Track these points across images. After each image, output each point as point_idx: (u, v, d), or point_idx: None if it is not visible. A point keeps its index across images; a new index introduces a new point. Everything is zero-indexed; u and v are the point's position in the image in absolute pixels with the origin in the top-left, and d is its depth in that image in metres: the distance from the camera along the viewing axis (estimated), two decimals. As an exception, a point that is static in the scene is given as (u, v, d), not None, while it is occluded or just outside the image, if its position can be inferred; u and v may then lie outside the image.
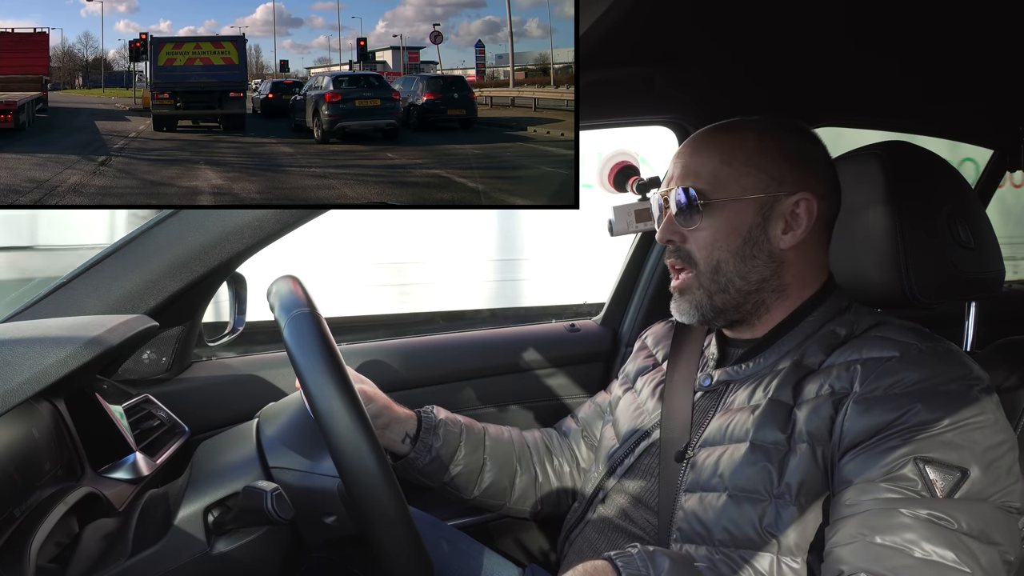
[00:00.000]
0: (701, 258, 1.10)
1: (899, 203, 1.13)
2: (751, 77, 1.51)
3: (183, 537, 0.94)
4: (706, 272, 1.10)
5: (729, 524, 0.97)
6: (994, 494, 0.88)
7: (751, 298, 1.10)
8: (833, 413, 0.96)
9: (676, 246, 1.12)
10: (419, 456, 1.27)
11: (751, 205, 1.08)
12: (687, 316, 1.13)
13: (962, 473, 0.87)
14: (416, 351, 1.75)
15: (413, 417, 1.29)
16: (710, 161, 1.10)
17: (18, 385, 0.80)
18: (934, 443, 0.89)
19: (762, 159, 1.09)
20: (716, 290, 1.10)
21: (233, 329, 1.52)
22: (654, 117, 1.66)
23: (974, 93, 1.71)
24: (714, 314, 1.11)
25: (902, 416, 0.91)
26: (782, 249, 1.09)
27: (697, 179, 1.10)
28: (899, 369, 0.95)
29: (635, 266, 1.88)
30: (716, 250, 1.09)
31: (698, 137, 1.16)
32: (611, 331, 1.90)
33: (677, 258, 1.13)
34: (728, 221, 1.08)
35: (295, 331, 0.88)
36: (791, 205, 1.08)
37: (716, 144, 1.12)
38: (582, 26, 1.04)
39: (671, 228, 1.12)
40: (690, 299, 1.12)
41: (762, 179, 1.08)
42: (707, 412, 1.12)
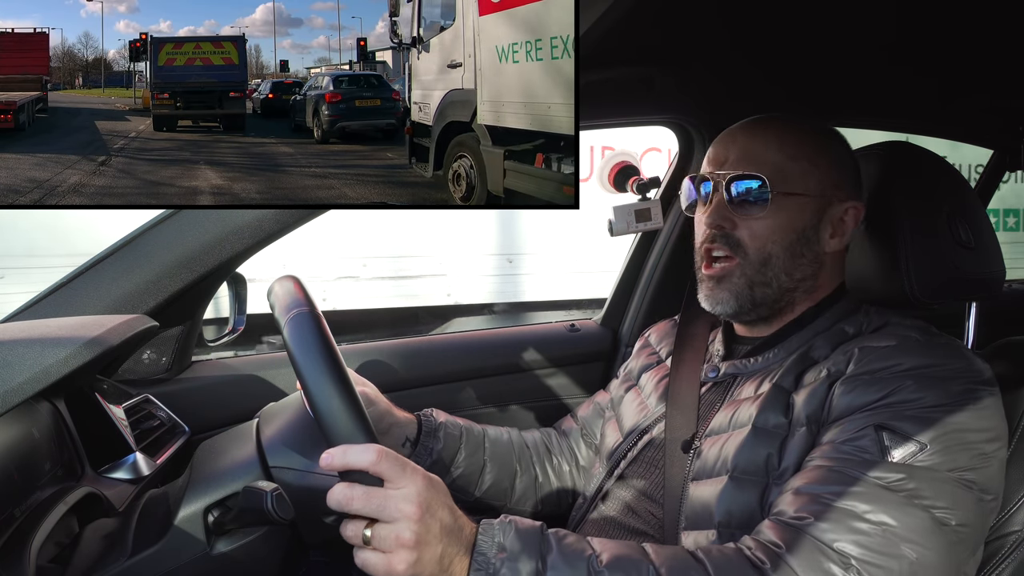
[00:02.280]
0: (752, 248, 1.08)
1: (899, 203, 1.13)
2: (752, 77, 1.51)
3: (183, 537, 0.94)
4: (755, 263, 1.08)
5: (731, 505, 0.98)
6: (953, 469, 0.88)
7: (787, 296, 1.10)
8: (826, 394, 0.97)
9: (725, 232, 1.09)
10: (420, 460, 1.26)
11: (812, 203, 1.08)
12: (723, 305, 1.10)
13: (919, 446, 0.87)
14: (416, 351, 1.75)
15: (413, 421, 1.29)
16: (774, 150, 1.08)
17: (18, 385, 0.80)
18: (901, 416, 0.90)
19: (824, 160, 1.09)
20: (760, 282, 1.08)
21: (233, 329, 1.52)
22: (654, 117, 1.66)
23: (974, 93, 1.71)
24: (751, 306, 1.09)
25: (885, 396, 0.92)
26: (826, 252, 1.10)
27: (762, 166, 1.07)
28: (893, 355, 0.96)
29: (635, 266, 1.87)
30: (770, 243, 1.07)
31: (756, 124, 1.13)
32: (611, 331, 1.90)
33: (724, 244, 1.09)
34: (788, 216, 1.07)
35: (295, 331, 0.88)
36: (842, 211, 1.09)
37: (778, 135, 1.10)
38: (582, 26, 1.04)
39: (723, 213, 1.08)
40: (730, 288, 1.09)
41: (824, 181, 1.08)
42: (714, 404, 1.12)
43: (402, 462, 0.79)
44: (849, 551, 0.82)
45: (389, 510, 0.77)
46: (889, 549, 0.82)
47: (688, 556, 0.85)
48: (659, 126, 1.69)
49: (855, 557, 0.81)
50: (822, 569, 0.81)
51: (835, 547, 0.82)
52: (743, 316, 1.12)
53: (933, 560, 0.83)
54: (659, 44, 1.35)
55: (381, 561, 0.77)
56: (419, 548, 0.77)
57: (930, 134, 2.02)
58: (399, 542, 0.77)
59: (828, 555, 0.82)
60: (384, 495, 0.77)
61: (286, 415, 1.06)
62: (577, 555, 0.82)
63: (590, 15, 1.02)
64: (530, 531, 0.83)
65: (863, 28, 1.31)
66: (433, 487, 0.80)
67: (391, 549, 0.77)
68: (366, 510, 0.77)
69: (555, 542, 0.83)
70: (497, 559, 0.79)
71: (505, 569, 0.79)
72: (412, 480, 0.79)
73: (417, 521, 0.77)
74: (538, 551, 0.81)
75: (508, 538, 0.81)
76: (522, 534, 0.82)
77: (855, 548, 0.82)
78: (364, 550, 0.79)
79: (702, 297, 1.13)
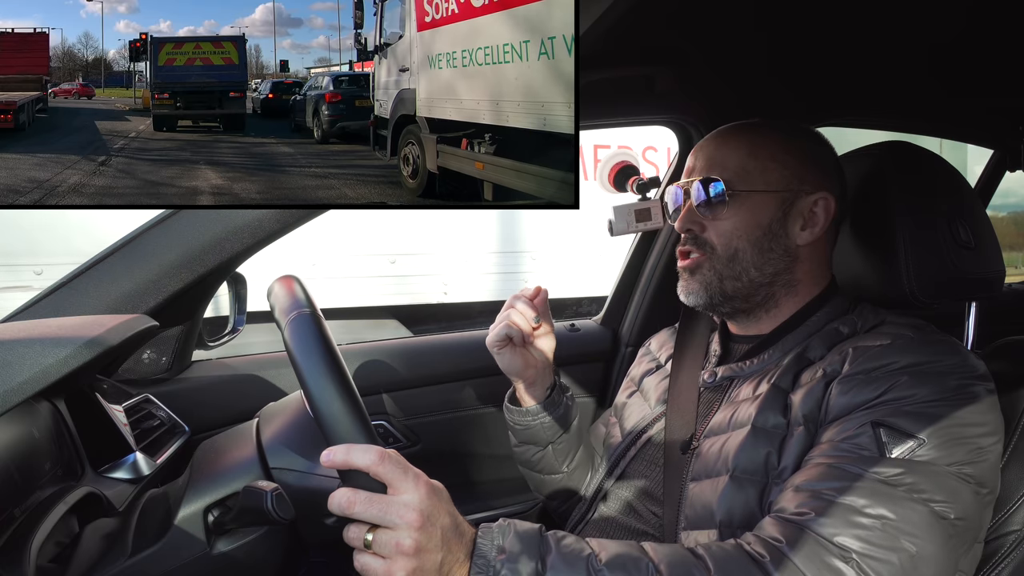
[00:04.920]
0: (719, 244, 1.11)
1: (899, 203, 1.13)
2: (753, 77, 1.51)
3: (183, 537, 0.94)
4: (722, 257, 1.11)
5: (732, 505, 0.98)
6: (951, 463, 0.88)
7: (762, 290, 1.12)
8: (822, 395, 0.98)
9: (695, 235, 1.14)
10: (554, 406, 1.29)
11: (774, 199, 1.10)
12: (695, 296, 1.14)
13: (917, 442, 0.88)
14: (416, 351, 1.75)
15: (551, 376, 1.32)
16: (736, 153, 1.12)
17: (18, 385, 0.80)
18: (898, 413, 0.91)
19: (787, 156, 1.11)
20: (729, 276, 1.11)
21: (233, 329, 1.52)
22: (655, 117, 1.66)
23: (975, 93, 1.71)
24: (723, 299, 1.12)
25: (882, 394, 0.93)
26: (798, 245, 1.11)
27: (723, 170, 1.11)
28: (887, 354, 0.97)
29: (635, 266, 1.88)
30: (736, 239, 1.10)
31: (723, 132, 1.18)
32: (611, 331, 1.90)
33: (694, 245, 1.14)
34: (751, 212, 1.10)
35: (295, 332, 0.88)
36: (811, 203, 1.11)
37: (742, 138, 1.14)
38: (582, 26, 1.04)
39: (692, 218, 1.13)
40: (700, 279, 1.13)
41: (786, 175, 1.11)
42: (712, 405, 1.13)
43: (404, 466, 0.80)
44: (850, 545, 0.82)
45: (390, 516, 0.77)
46: (889, 542, 0.82)
47: (687, 553, 0.86)
48: (659, 126, 1.69)
49: (855, 551, 0.82)
50: (823, 563, 0.81)
51: (836, 541, 0.82)
52: (718, 308, 1.15)
53: (932, 553, 0.84)
54: (660, 44, 1.35)
55: (381, 566, 0.78)
56: (419, 555, 0.77)
57: (931, 134, 2.02)
58: (399, 549, 0.77)
59: (829, 549, 0.82)
60: (386, 501, 0.77)
61: (286, 415, 1.06)
62: (576, 555, 0.82)
63: (590, 15, 1.02)
64: (529, 533, 0.83)
65: (863, 28, 1.31)
66: (435, 493, 0.80)
67: (391, 555, 0.77)
68: (367, 515, 0.77)
69: (554, 543, 0.83)
70: (497, 561, 0.80)
71: (505, 571, 0.79)
72: (414, 486, 0.79)
73: (418, 529, 0.77)
74: (537, 552, 0.81)
75: (507, 540, 0.81)
76: (521, 536, 0.82)
77: (855, 542, 0.82)
78: (364, 554, 0.79)
79: (679, 290, 1.17)
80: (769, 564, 0.82)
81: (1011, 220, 6.38)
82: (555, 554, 0.82)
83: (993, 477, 0.93)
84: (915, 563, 0.83)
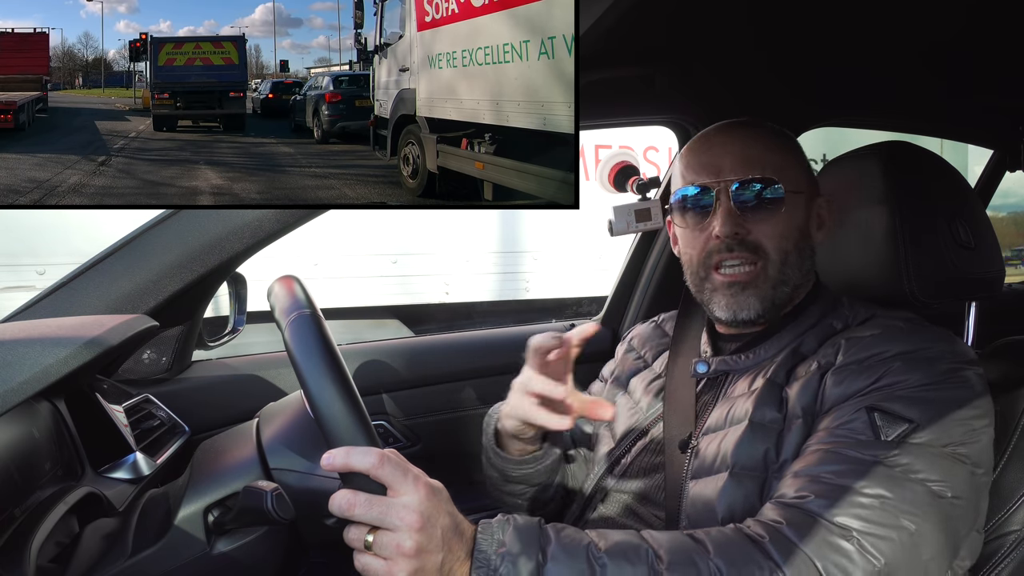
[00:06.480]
0: (772, 248, 1.07)
1: (899, 203, 1.13)
2: (753, 77, 1.51)
3: (183, 537, 0.94)
4: (776, 263, 1.07)
5: (733, 501, 0.98)
6: (946, 444, 0.89)
7: (795, 292, 1.11)
8: (818, 386, 0.99)
9: (742, 238, 1.07)
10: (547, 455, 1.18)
11: (802, 199, 1.10)
12: (748, 311, 1.08)
13: (911, 425, 0.89)
14: (416, 351, 1.75)
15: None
16: (769, 151, 1.09)
17: (18, 385, 0.80)
18: (891, 398, 0.92)
19: (801, 157, 1.12)
20: (780, 282, 1.08)
21: (233, 329, 1.52)
22: (655, 117, 1.66)
23: (975, 93, 1.71)
24: (772, 309, 1.09)
25: (875, 381, 0.94)
26: (816, 244, 1.12)
27: (764, 169, 1.06)
28: (879, 343, 0.98)
29: (635, 266, 1.87)
30: (785, 241, 1.08)
31: (739, 128, 1.13)
32: (611, 331, 1.90)
33: (744, 250, 1.07)
34: (791, 213, 1.08)
35: (296, 333, 0.88)
36: (822, 203, 1.12)
37: (765, 137, 1.11)
38: (582, 26, 1.04)
39: (735, 220, 1.06)
40: (757, 293, 1.07)
41: (808, 176, 1.12)
42: (708, 403, 1.13)
43: (404, 468, 0.80)
44: (850, 524, 0.83)
45: (391, 518, 0.77)
46: (889, 520, 0.83)
47: (687, 538, 0.86)
48: (659, 126, 1.70)
49: (856, 529, 0.82)
50: (824, 541, 0.82)
51: (836, 521, 0.83)
52: (763, 319, 1.10)
53: (931, 531, 0.85)
54: (659, 44, 1.35)
55: (381, 567, 0.78)
56: (420, 557, 0.77)
57: (931, 134, 2.02)
58: (400, 551, 0.77)
59: (830, 528, 0.83)
60: (386, 503, 0.77)
61: (286, 416, 1.06)
62: (576, 544, 0.82)
63: (590, 15, 1.02)
64: (528, 526, 0.83)
65: (863, 28, 1.31)
66: (435, 494, 0.80)
67: (392, 557, 0.77)
68: (367, 517, 0.77)
69: (554, 534, 0.83)
70: (497, 555, 0.80)
71: (506, 564, 0.79)
72: (414, 488, 0.79)
73: (418, 531, 0.77)
74: (537, 544, 0.81)
75: (507, 534, 0.81)
76: (520, 529, 0.82)
77: (856, 521, 0.83)
78: (365, 555, 0.79)
79: (720, 306, 1.10)
80: (769, 544, 0.82)
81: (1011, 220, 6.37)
82: (555, 544, 0.82)
83: (988, 458, 0.94)
84: (915, 540, 0.83)
